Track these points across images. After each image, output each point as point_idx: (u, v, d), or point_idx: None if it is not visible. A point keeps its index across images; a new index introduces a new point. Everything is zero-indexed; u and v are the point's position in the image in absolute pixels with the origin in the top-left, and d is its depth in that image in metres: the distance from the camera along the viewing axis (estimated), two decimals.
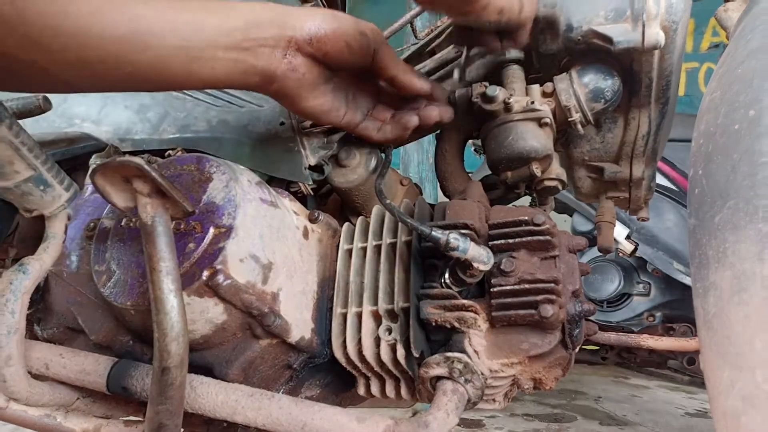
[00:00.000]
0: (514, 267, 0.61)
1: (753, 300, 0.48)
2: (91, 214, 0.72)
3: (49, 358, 0.65)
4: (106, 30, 0.51)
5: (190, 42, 0.55)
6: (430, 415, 0.55)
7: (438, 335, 0.64)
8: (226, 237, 0.60)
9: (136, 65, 0.54)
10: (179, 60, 0.56)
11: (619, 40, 0.67)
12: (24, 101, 0.66)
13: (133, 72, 0.54)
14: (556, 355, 0.61)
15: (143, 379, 0.61)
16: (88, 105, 0.82)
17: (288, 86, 0.62)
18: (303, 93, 0.64)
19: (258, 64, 0.59)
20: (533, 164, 0.73)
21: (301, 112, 0.67)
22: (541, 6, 0.71)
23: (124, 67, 0.54)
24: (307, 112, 0.67)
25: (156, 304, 0.53)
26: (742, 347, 0.48)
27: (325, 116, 0.68)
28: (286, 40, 0.60)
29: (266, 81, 0.61)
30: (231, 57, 0.58)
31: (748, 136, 0.52)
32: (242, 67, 0.59)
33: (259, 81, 0.61)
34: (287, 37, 0.60)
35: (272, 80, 0.61)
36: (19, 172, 0.54)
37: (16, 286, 0.58)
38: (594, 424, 2.15)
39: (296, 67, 0.61)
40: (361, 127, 0.72)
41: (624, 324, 2.35)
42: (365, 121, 0.72)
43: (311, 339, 0.66)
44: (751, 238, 0.49)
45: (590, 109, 0.73)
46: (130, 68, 0.54)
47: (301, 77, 0.62)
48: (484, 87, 0.74)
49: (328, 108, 0.67)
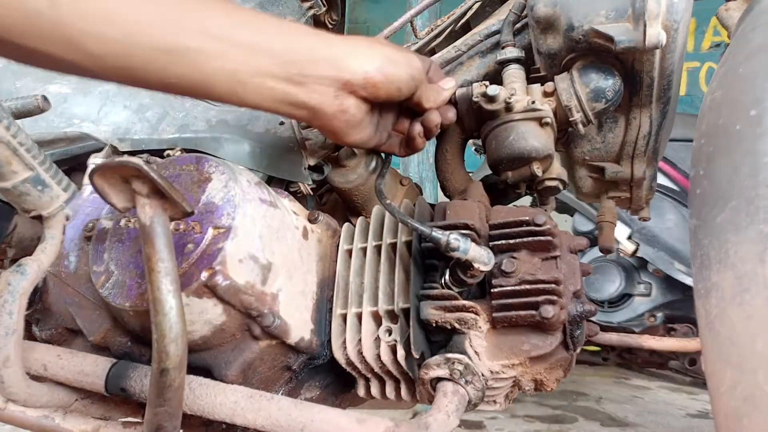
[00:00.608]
0: (515, 267, 0.61)
1: (755, 301, 0.47)
2: (90, 214, 0.72)
3: (48, 359, 0.65)
4: (154, 43, 0.51)
5: (242, 67, 0.55)
6: (430, 417, 0.55)
7: (438, 336, 0.64)
8: (225, 237, 0.60)
9: (181, 79, 0.53)
10: (226, 81, 0.55)
11: (620, 40, 0.67)
12: (23, 101, 0.65)
13: (176, 83, 0.54)
14: (557, 356, 0.61)
15: (142, 381, 0.61)
16: (87, 105, 0.82)
17: (335, 125, 0.62)
18: (348, 130, 0.63)
19: (308, 101, 0.59)
20: (534, 164, 0.73)
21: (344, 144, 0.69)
22: (542, 5, 0.71)
23: (168, 78, 0.53)
24: (350, 144, 0.69)
25: (154, 305, 0.53)
26: (744, 348, 0.48)
27: (363, 145, 0.69)
28: (342, 83, 0.59)
29: (313, 117, 0.61)
30: (281, 88, 0.57)
31: (749, 137, 0.52)
32: (291, 100, 0.58)
33: (306, 115, 0.61)
34: (343, 80, 0.59)
35: (320, 117, 0.61)
36: (17, 172, 0.54)
37: (14, 286, 0.58)
38: (595, 425, 2.14)
39: (347, 109, 0.61)
40: (386, 145, 0.72)
41: (625, 324, 2.35)
42: (390, 139, 0.72)
43: (311, 340, 0.66)
44: (752, 239, 0.48)
45: (591, 109, 0.72)
46: (175, 80, 0.53)
47: (350, 118, 0.62)
48: (484, 86, 0.74)
49: (369, 137, 0.67)
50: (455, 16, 0.93)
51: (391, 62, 0.61)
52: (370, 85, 0.60)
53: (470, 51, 0.85)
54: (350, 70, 0.59)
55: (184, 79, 0.54)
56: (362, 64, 0.60)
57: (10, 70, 0.84)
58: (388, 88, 0.61)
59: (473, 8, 0.92)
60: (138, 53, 0.51)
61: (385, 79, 0.61)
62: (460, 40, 0.86)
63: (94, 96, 0.83)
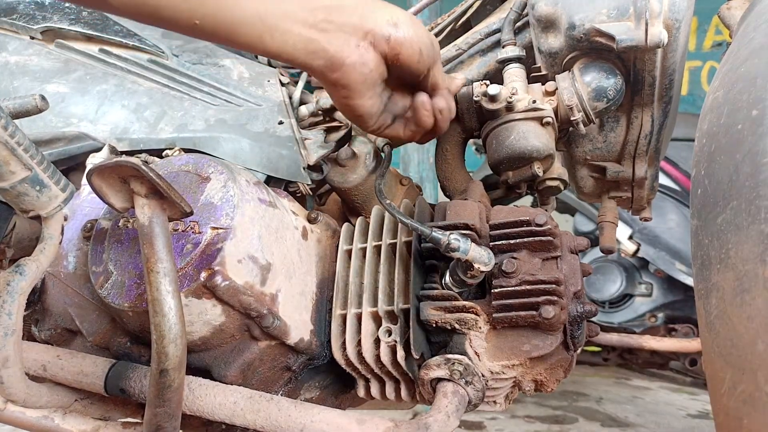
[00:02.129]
0: (516, 268, 0.60)
1: (755, 301, 0.47)
2: (88, 214, 0.72)
3: (47, 360, 0.65)
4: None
5: (270, 11, 0.55)
6: (430, 417, 0.55)
7: (438, 337, 0.63)
8: (224, 238, 0.59)
9: (207, 19, 0.53)
10: (252, 25, 0.55)
11: (621, 39, 0.66)
12: (21, 101, 0.65)
13: (200, 25, 0.53)
14: (557, 357, 0.61)
15: (141, 381, 0.61)
16: (85, 104, 0.82)
17: (351, 78, 0.60)
18: (362, 89, 0.62)
19: (330, 49, 0.58)
20: (535, 164, 0.73)
21: (352, 108, 0.64)
22: (543, 4, 0.71)
23: (195, 17, 0.53)
24: (357, 111, 0.64)
25: (154, 305, 0.53)
26: (745, 349, 0.48)
27: (369, 119, 0.66)
28: (365, 32, 0.59)
29: (331, 67, 0.59)
30: (305, 34, 0.57)
31: (750, 136, 0.52)
32: (313, 47, 0.58)
33: (324, 65, 0.59)
34: (366, 29, 0.58)
35: (337, 68, 0.59)
36: (15, 172, 0.54)
37: (13, 287, 0.58)
38: (595, 426, 2.14)
39: (366, 62, 0.60)
40: (390, 128, 0.70)
41: (626, 325, 2.35)
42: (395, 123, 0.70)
43: (310, 340, 0.66)
44: (753, 239, 0.48)
45: (592, 108, 0.72)
46: (200, 20, 0.53)
47: (368, 73, 0.60)
48: (485, 86, 0.73)
49: (377, 110, 0.65)
50: (456, 15, 0.92)
51: (415, 23, 0.61)
52: (394, 39, 0.59)
53: (471, 49, 0.85)
54: (375, 20, 0.59)
55: (212, 20, 0.53)
56: (388, 18, 0.59)
57: (8, 70, 0.84)
58: (410, 47, 0.60)
59: (474, 6, 0.92)
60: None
61: (410, 37, 0.60)
62: (460, 39, 0.86)
63: (92, 95, 0.83)
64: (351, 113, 0.66)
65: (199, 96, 0.83)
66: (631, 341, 2.02)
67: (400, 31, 0.59)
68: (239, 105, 0.82)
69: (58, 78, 0.85)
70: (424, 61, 0.62)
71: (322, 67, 0.59)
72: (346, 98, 0.63)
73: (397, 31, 0.59)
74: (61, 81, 0.84)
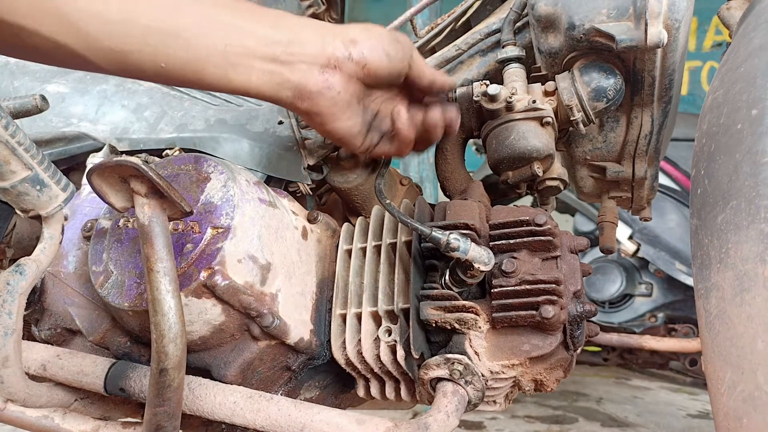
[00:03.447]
0: (515, 267, 0.60)
1: (755, 301, 0.47)
2: (89, 214, 0.72)
3: (47, 359, 0.65)
4: (150, 23, 0.51)
5: (233, 48, 0.55)
6: (430, 417, 0.55)
7: (438, 336, 0.63)
8: (224, 237, 0.60)
9: (172, 60, 0.54)
10: (217, 63, 0.55)
11: (621, 39, 0.66)
12: (21, 101, 0.65)
13: (166, 67, 0.54)
14: (557, 357, 0.61)
15: (141, 381, 0.61)
16: (85, 104, 0.82)
17: (321, 104, 0.61)
18: (335, 112, 0.62)
19: (293, 78, 0.59)
20: (535, 164, 0.73)
21: (331, 133, 0.64)
22: (543, 4, 0.71)
23: (160, 60, 0.53)
24: (337, 134, 0.64)
25: (153, 305, 0.53)
26: (744, 348, 0.48)
27: (353, 139, 0.66)
28: (326, 58, 0.59)
29: (299, 97, 0.60)
30: (267, 68, 0.58)
31: (750, 136, 0.52)
32: (277, 80, 0.58)
33: (291, 96, 0.60)
34: (326, 56, 0.59)
35: (306, 96, 0.60)
36: (16, 172, 0.54)
37: (13, 287, 0.58)
38: (596, 426, 2.14)
39: (332, 85, 0.60)
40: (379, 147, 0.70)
41: (626, 325, 2.35)
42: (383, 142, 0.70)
43: (310, 340, 0.66)
44: (753, 239, 0.48)
45: (592, 108, 0.72)
46: (164, 63, 0.54)
47: (336, 96, 0.60)
48: (485, 85, 0.73)
49: (359, 131, 0.65)
50: (455, 15, 0.92)
51: (371, 32, 0.62)
52: (355, 55, 0.60)
53: (471, 50, 0.85)
54: (333, 45, 0.59)
55: (176, 62, 0.54)
56: (342, 38, 0.60)
57: (9, 69, 0.84)
58: (373, 54, 0.61)
59: (474, 6, 0.92)
60: (134, 33, 0.51)
61: (368, 46, 0.60)
62: (460, 39, 0.86)
63: (92, 95, 0.83)
64: (332, 138, 0.66)
65: (199, 96, 0.83)
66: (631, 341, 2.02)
67: (359, 45, 0.60)
68: (239, 105, 0.82)
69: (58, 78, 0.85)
70: (394, 59, 0.62)
71: (291, 98, 0.60)
72: (322, 125, 0.63)
73: (356, 46, 0.60)
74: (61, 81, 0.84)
